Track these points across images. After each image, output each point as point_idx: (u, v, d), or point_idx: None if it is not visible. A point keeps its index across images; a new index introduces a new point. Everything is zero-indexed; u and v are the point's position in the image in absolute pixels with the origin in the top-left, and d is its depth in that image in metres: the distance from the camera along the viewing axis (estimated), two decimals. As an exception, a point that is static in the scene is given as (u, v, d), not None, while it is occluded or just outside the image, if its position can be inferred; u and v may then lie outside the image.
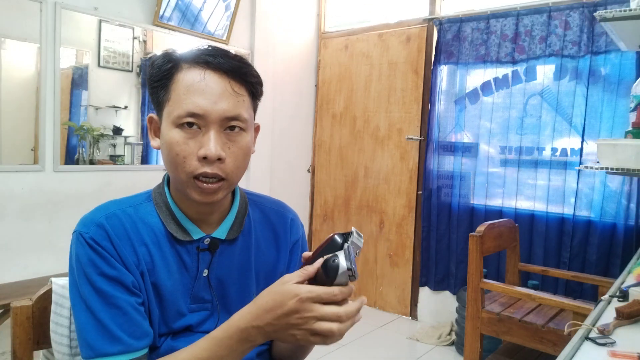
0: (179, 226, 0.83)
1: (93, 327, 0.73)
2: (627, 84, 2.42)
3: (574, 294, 2.55)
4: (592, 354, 0.88)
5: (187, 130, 0.76)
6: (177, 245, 0.83)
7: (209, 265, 0.85)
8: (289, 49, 3.58)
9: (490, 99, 2.91)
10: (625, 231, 2.45)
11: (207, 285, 0.85)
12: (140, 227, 0.81)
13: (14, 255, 2.29)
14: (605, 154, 1.56)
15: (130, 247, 0.79)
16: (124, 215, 0.80)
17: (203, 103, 0.75)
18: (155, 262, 0.81)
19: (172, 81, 0.78)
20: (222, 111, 0.76)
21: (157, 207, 0.84)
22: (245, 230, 0.90)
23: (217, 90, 0.76)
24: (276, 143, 3.50)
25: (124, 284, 0.76)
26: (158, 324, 0.81)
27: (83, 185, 2.47)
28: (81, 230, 0.77)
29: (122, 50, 2.67)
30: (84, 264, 0.75)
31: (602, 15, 1.56)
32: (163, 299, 0.81)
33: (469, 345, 2.08)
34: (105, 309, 0.74)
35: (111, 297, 0.74)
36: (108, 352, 0.73)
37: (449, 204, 3.07)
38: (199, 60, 0.77)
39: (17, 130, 2.34)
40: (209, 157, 0.75)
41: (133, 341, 0.74)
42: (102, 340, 0.73)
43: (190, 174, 0.76)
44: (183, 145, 0.76)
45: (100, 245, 0.76)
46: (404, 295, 3.38)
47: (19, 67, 2.32)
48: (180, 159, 0.76)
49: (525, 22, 2.75)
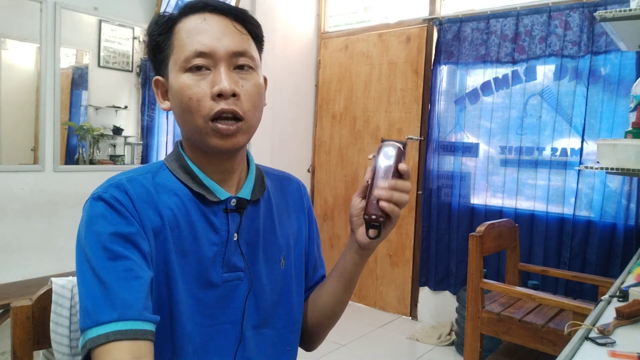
0: (202, 186, 0.78)
1: (95, 292, 0.64)
2: (627, 84, 2.42)
3: (574, 294, 2.55)
4: (592, 354, 0.88)
5: (196, 73, 0.73)
6: (204, 207, 0.78)
7: (238, 229, 0.80)
8: (288, 49, 3.58)
9: (490, 99, 2.91)
10: (625, 231, 2.45)
11: (239, 251, 0.80)
12: (162, 191, 0.76)
13: (14, 255, 2.29)
14: (605, 154, 1.56)
15: (154, 210, 0.73)
16: (144, 179, 0.76)
17: (207, 40, 0.73)
18: (181, 229, 0.75)
19: (173, 33, 0.76)
20: (227, 46, 0.74)
21: (175, 172, 0.79)
22: (265, 194, 0.87)
23: (220, 28, 0.75)
24: (276, 143, 3.50)
25: (139, 248, 0.68)
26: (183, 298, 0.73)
27: (83, 185, 2.47)
28: (98, 192, 0.71)
29: (122, 50, 2.67)
30: (95, 222, 0.68)
31: (602, 15, 1.56)
32: (188, 269, 0.75)
33: (469, 345, 2.08)
34: (113, 271, 0.65)
35: (123, 257, 0.66)
36: (108, 319, 0.62)
37: (449, 204, 3.07)
38: (197, 5, 0.76)
39: (17, 130, 2.34)
40: (224, 93, 0.72)
41: (143, 310, 0.64)
42: (105, 305, 0.63)
43: (207, 116, 0.72)
44: (195, 88, 0.72)
45: (121, 202, 0.69)
46: (404, 295, 3.38)
47: (19, 67, 2.32)
48: (194, 102, 0.72)
49: (525, 22, 2.75)
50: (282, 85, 3.54)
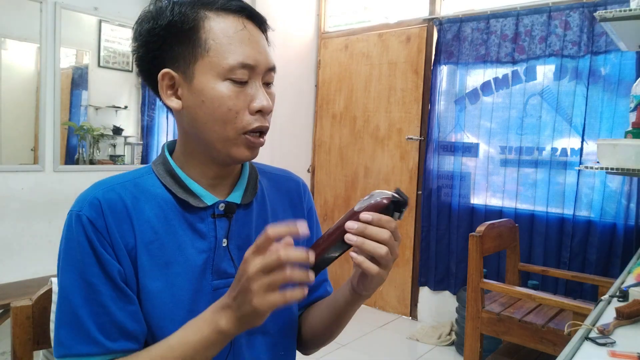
0: (188, 192, 0.76)
1: (69, 324, 0.68)
2: (627, 84, 2.42)
3: (574, 294, 2.55)
4: (592, 354, 0.88)
5: (237, 84, 0.71)
6: (189, 215, 0.76)
7: (227, 234, 0.78)
8: (289, 49, 3.58)
9: (490, 99, 2.91)
10: (625, 231, 2.45)
11: (229, 257, 0.78)
12: (142, 201, 0.74)
13: (14, 255, 2.29)
14: (605, 154, 1.56)
15: (129, 225, 0.72)
16: (123, 189, 0.74)
17: (253, 53, 0.71)
18: (162, 241, 0.73)
19: (201, 27, 0.70)
20: (266, 62, 0.73)
21: (161, 177, 0.77)
22: (259, 196, 0.85)
23: (260, 41, 0.73)
24: (276, 143, 3.50)
25: (110, 275, 0.69)
26: (171, 311, 0.73)
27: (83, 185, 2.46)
28: (74, 209, 0.72)
29: (122, 50, 2.67)
30: (72, 248, 0.70)
31: (602, 15, 1.56)
32: (176, 280, 0.73)
33: (469, 345, 2.08)
34: (86, 305, 0.68)
35: (95, 291, 0.68)
36: (81, 352, 0.67)
37: (449, 204, 3.07)
38: (232, 6, 0.72)
39: (17, 130, 2.34)
40: (265, 110, 0.72)
41: (110, 343, 0.68)
42: (76, 338, 0.68)
43: (242, 129, 0.72)
44: (235, 100, 0.71)
45: (94, 225, 0.69)
46: (404, 295, 3.38)
47: (19, 67, 2.32)
48: (232, 114, 0.71)
49: (525, 22, 2.75)
50: (282, 85, 3.54)
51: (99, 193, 0.72)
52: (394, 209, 0.65)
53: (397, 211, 0.65)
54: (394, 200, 0.64)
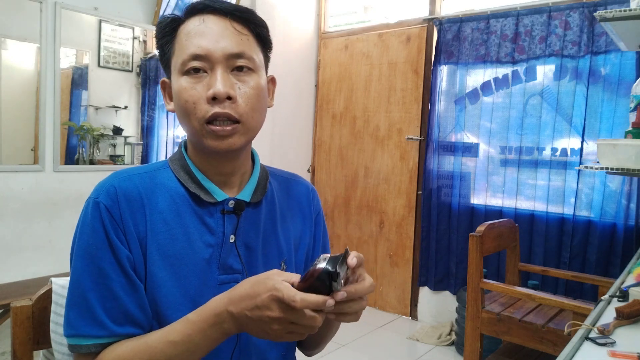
0: (200, 187, 0.79)
1: (78, 306, 0.71)
2: (627, 84, 2.42)
3: (574, 294, 2.55)
4: (592, 354, 0.88)
5: (193, 75, 0.74)
6: (199, 209, 0.78)
7: (235, 231, 0.80)
8: (288, 49, 3.58)
9: (490, 99, 2.91)
10: (625, 231, 2.45)
11: (235, 253, 0.80)
12: (157, 192, 0.77)
13: (14, 255, 2.29)
14: (605, 154, 1.56)
15: (142, 215, 0.75)
16: (139, 180, 0.77)
17: (204, 43, 0.73)
18: (173, 232, 0.76)
19: (176, 35, 0.77)
20: (224, 48, 0.74)
21: (175, 171, 0.80)
22: (269, 196, 0.86)
23: (217, 30, 0.75)
24: (276, 143, 3.50)
25: (121, 262, 0.72)
26: (177, 301, 0.75)
27: (83, 185, 2.48)
28: (92, 196, 0.75)
29: (122, 50, 2.67)
30: (86, 233, 0.72)
31: (602, 15, 1.56)
32: (183, 271, 0.76)
33: (469, 345, 2.08)
34: (95, 289, 0.71)
35: (105, 276, 0.71)
36: (88, 333, 0.70)
37: (449, 204, 3.08)
38: (198, 6, 0.76)
39: (17, 130, 2.34)
40: (218, 96, 0.72)
41: (116, 327, 0.71)
42: (84, 320, 0.71)
43: (202, 119, 0.73)
44: (191, 91, 0.73)
45: (110, 212, 0.72)
46: (403, 295, 3.38)
47: (19, 67, 2.32)
48: (190, 105, 0.74)
49: (525, 22, 2.75)
50: (282, 85, 3.53)
51: (116, 182, 0.75)
52: (329, 279, 0.62)
53: (334, 280, 0.62)
54: (325, 271, 0.61)
